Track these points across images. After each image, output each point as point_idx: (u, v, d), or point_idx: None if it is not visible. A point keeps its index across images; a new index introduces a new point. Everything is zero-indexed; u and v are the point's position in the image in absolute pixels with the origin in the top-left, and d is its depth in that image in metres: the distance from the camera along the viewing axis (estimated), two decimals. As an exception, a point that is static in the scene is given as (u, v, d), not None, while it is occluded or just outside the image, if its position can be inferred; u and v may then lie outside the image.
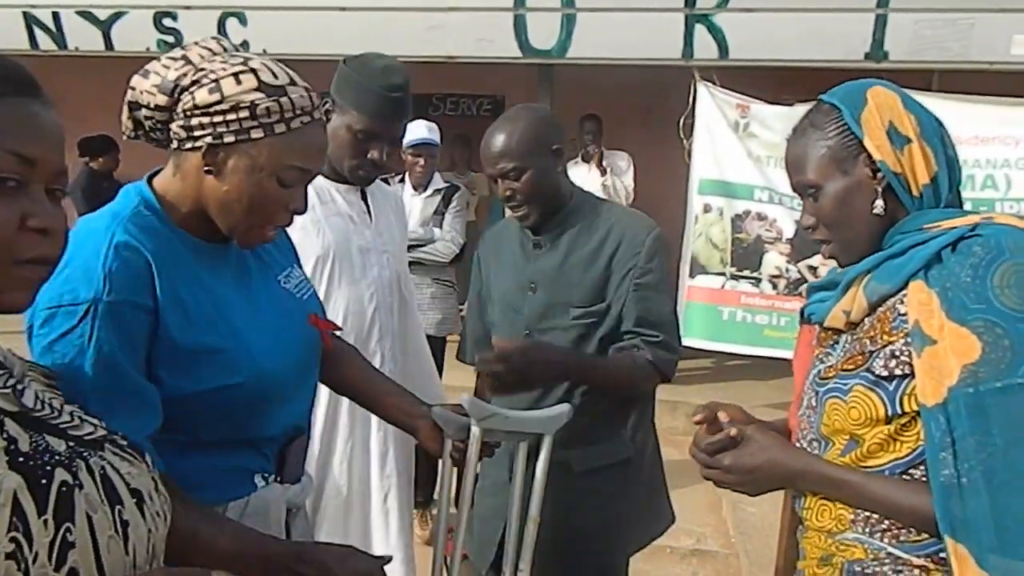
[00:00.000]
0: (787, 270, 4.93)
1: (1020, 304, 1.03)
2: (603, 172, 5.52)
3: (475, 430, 1.50)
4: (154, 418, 1.13)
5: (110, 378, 1.07)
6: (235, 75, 1.15)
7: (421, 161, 3.86)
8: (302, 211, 1.25)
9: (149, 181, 1.25)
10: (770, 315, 4.94)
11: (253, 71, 1.16)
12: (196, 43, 1.21)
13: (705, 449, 1.24)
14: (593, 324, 1.83)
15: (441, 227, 3.91)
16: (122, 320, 1.08)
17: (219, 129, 1.15)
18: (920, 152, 1.16)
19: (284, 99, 1.17)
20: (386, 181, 3.52)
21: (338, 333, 1.52)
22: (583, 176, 5.63)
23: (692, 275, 5.04)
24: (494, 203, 5.99)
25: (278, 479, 1.32)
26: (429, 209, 3.94)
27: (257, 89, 1.16)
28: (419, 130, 3.83)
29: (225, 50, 1.21)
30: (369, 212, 2.05)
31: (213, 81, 1.15)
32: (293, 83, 1.19)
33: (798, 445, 1.26)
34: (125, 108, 1.20)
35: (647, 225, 1.86)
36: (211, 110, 1.15)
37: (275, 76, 1.18)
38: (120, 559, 0.85)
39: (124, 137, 1.23)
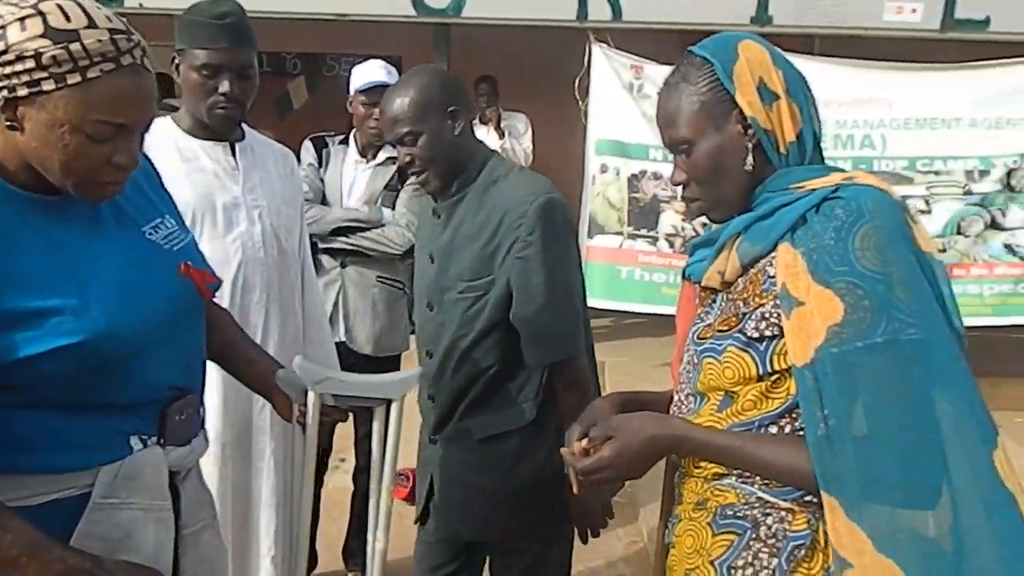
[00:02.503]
0: (683, 228, 5.06)
1: (878, 266, 1.07)
2: (501, 135, 5.51)
3: (311, 395, 1.47)
4: None
5: None
6: (21, 20, 1.04)
7: (375, 112, 2.62)
8: (128, 166, 1.14)
9: None
10: (667, 273, 5.06)
11: (41, 14, 1.04)
12: None
13: (584, 450, 1.23)
14: (479, 298, 1.79)
15: (393, 207, 2.87)
16: None
17: (12, 81, 1.04)
18: (787, 109, 1.17)
19: (75, 45, 1.04)
20: (323, 142, 2.95)
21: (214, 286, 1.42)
22: (480, 139, 5.59)
23: (591, 235, 5.12)
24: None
25: (160, 441, 1.25)
26: (379, 182, 2.89)
27: (43, 35, 1.04)
28: (373, 71, 2.86)
29: None
30: (238, 167, 2.03)
31: (0, 27, 1.04)
32: (92, 26, 1.06)
33: (677, 398, 1.31)
34: None
35: (533, 193, 1.75)
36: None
37: (67, 19, 1.05)
38: None
39: None
